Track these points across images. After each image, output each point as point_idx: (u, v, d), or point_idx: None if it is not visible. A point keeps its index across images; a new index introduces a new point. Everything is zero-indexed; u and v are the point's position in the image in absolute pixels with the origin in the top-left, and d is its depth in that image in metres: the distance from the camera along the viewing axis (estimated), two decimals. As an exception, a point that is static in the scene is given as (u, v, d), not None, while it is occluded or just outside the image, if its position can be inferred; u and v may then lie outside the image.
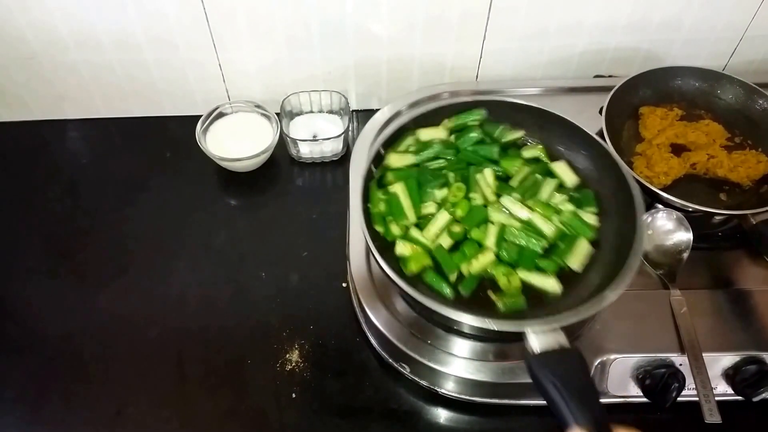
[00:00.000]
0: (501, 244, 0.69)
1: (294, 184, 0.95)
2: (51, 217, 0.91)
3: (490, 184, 0.74)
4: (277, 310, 0.80)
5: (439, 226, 0.70)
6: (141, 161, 0.97)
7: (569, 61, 0.99)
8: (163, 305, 0.81)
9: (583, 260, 0.67)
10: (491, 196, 0.73)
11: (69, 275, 0.84)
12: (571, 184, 0.74)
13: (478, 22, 0.91)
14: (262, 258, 0.86)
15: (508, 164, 0.75)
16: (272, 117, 0.95)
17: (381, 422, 0.72)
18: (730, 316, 0.73)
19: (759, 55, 1.01)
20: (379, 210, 0.72)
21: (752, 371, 0.68)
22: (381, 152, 0.75)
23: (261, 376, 0.75)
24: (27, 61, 0.92)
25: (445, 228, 0.70)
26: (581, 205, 0.72)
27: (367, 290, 0.74)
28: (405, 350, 0.70)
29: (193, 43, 0.91)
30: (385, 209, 0.72)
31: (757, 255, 0.78)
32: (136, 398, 0.73)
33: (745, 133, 0.86)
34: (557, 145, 0.77)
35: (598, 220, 0.71)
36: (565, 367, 0.53)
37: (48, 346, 0.78)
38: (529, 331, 0.56)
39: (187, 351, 0.77)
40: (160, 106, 1.01)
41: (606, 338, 0.70)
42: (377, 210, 0.72)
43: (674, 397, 0.66)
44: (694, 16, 0.93)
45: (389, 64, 0.97)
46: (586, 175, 0.75)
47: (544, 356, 0.54)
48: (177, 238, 0.88)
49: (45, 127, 1.02)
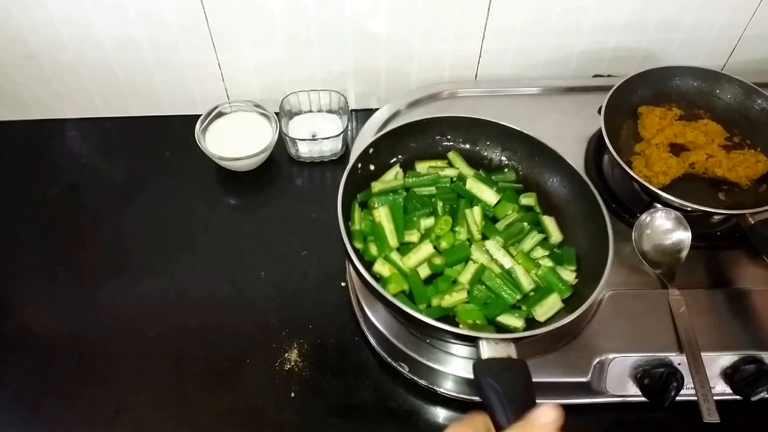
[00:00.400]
0: (475, 285, 0.69)
1: (293, 183, 0.96)
2: (50, 216, 0.91)
3: (478, 222, 0.74)
4: (276, 309, 0.80)
5: (421, 257, 0.70)
6: (140, 160, 0.97)
7: (568, 60, 0.99)
8: (162, 304, 0.81)
9: (549, 314, 0.67)
10: (477, 234, 0.73)
11: (68, 274, 0.84)
12: (555, 240, 0.74)
13: (477, 22, 0.91)
14: (261, 257, 0.86)
15: (501, 210, 0.75)
16: (271, 116, 0.95)
17: (380, 421, 0.72)
18: (728, 315, 0.73)
19: (758, 54, 1.01)
20: (360, 228, 0.72)
21: (750, 370, 0.68)
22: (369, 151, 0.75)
23: (260, 375, 0.75)
24: (26, 60, 0.92)
25: (426, 260, 0.71)
26: (562, 262, 0.71)
27: (366, 290, 0.74)
28: (404, 349, 0.70)
29: (192, 42, 0.91)
30: (366, 229, 0.72)
31: (756, 254, 0.78)
32: (135, 397, 0.73)
33: (744, 133, 0.86)
34: (536, 168, 0.79)
35: (575, 277, 0.70)
36: (508, 375, 0.55)
37: (47, 345, 0.78)
38: (481, 339, 0.58)
39: (186, 350, 0.77)
40: (160, 105, 1.01)
41: (604, 337, 0.70)
42: (357, 228, 0.72)
43: (673, 396, 0.66)
44: (692, 16, 0.93)
45: (388, 64, 0.97)
46: (561, 199, 0.77)
47: (491, 362, 0.57)
48: (176, 237, 0.88)
49: (44, 126, 1.02)
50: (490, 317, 0.67)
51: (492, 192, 0.76)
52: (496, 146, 0.80)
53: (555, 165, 0.76)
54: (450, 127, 0.80)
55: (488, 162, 0.81)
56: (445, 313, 0.68)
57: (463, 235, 0.73)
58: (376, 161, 0.77)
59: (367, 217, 0.73)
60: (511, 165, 0.80)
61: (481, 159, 0.81)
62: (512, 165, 0.80)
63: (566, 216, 0.75)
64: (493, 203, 0.76)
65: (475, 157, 0.81)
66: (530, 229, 0.74)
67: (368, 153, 0.75)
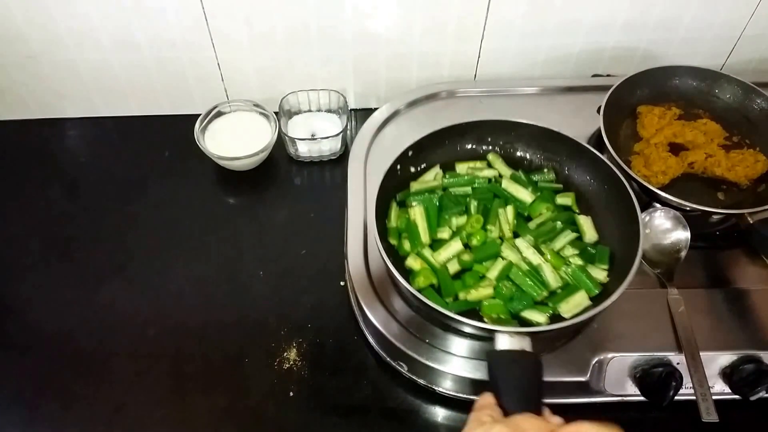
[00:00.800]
0: (502, 281, 0.70)
1: (292, 183, 0.96)
2: (49, 215, 0.91)
3: (510, 221, 0.75)
4: (275, 308, 0.80)
5: (451, 253, 0.73)
6: (140, 160, 0.97)
7: (567, 60, 0.99)
8: (162, 304, 0.81)
9: (575, 310, 0.67)
10: (508, 232, 0.75)
11: (67, 273, 0.84)
12: (590, 239, 0.74)
13: (476, 21, 0.91)
14: (260, 256, 0.86)
15: (535, 209, 0.76)
16: (271, 116, 0.95)
17: (379, 421, 0.72)
18: (727, 315, 0.73)
19: (757, 54, 1.01)
20: (396, 226, 0.75)
21: (749, 370, 0.68)
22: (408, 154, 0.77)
23: (259, 374, 0.75)
24: (26, 60, 0.92)
25: (455, 256, 0.73)
26: (594, 260, 0.72)
27: (365, 289, 0.74)
28: (403, 349, 0.70)
29: (192, 42, 0.91)
30: (401, 226, 0.75)
31: (755, 254, 0.78)
32: (135, 396, 0.73)
33: (743, 133, 0.86)
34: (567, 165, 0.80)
35: (607, 276, 0.71)
36: (519, 366, 0.58)
37: (46, 344, 0.78)
38: (498, 331, 0.60)
39: (185, 349, 0.77)
40: (159, 104, 1.01)
41: (604, 337, 0.70)
42: (393, 225, 0.75)
43: (671, 396, 0.66)
44: (692, 16, 0.93)
45: (387, 63, 0.97)
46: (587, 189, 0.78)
47: (506, 353, 0.59)
48: (175, 236, 0.88)
49: (44, 125, 1.02)
50: (515, 312, 0.68)
51: (527, 192, 0.77)
52: (537, 148, 0.81)
53: (593, 165, 0.77)
54: (489, 130, 0.81)
55: (528, 163, 0.82)
56: (471, 307, 0.69)
57: (495, 233, 0.74)
58: (416, 163, 0.80)
59: (403, 215, 0.76)
60: (551, 166, 0.81)
61: (521, 160, 0.82)
62: (553, 166, 0.81)
63: (603, 216, 0.76)
64: (528, 202, 0.76)
65: (515, 158, 0.82)
66: (563, 228, 0.74)
67: (407, 155, 0.77)
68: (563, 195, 0.78)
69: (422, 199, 0.76)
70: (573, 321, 0.63)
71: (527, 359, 0.59)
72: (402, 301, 0.73)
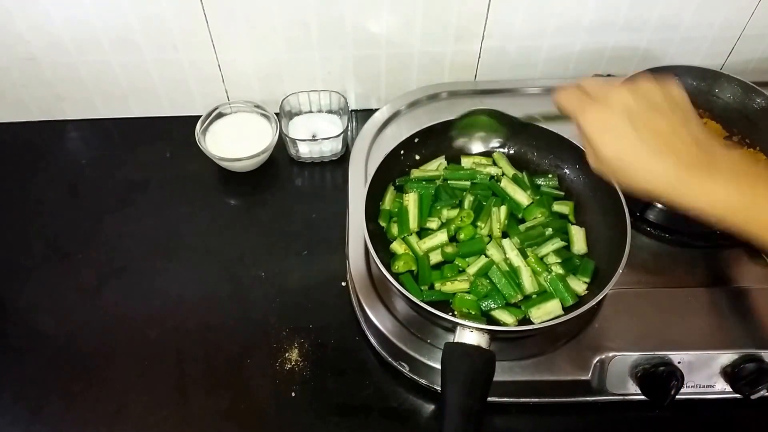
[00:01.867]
0: (479, 278, 0.70)
1: (293, 183, 0.96)
2: (50, 217, 0.91)
3: (501, 220, 0.76)
4: (276, 309, 0.81)
5: (435, 243, 0.74)
6: (140, 161, 0.97)
7: (567, 60, 0.99)
8: (163, 305, 0.81)
9: (545, 318, 0.68)
10: (497, 231, 0.75)
11: (68, 275, 0.84)
12: (578, 251, 0.74)
13: (476, 22, 0.91)
14: (261, 257, 0.86)
15: (530, 213, 0.76)
16: (271, 117, 0.95)
17: (380, 421, 0.72)
18: (728, 314, 0.73)
19: (757, 53, 1.01)
20: (389, 209, 0.76)
21: (750, 369, 0.68)
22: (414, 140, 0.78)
23: (260, 375, 0.75)
24: (26, 62, 0.92)
25: (439, 247, 0.73)
26: (577, 272, 0.72)
27: (366, 289, 0.74)
28: (404, 349, 0.70)
29: (192, 43, 0.91)
30: (393, 209, 0.76)
31: (756, 253, 0.78)
32: (136, 397, 0.73)
33: (743, 132, 0.86)
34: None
35: (585, 289, 0.71)
36: (472, 360, 0.59)
37: (47, 345, 0.78)
38: (459, 324, 0.61)
39: (187, 350, 0.77)
40: (160, 106, 1.01)
41: (605, 336, 0.71)
42: (387, 208, 0.76)
43: (673, 395, 0.66)
44: (692, 15, 0.93)
45: (388, 64, 0.97)
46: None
47: (459, 346, 0.60)
48: (176, 238, 0.88)
49: (44, 127, 1.02)
50: (486, 310, 0.69)
51: (525, 194, 0.77)
52: (544, 151, 0.81)
53: (594, 177, 0.76)
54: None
55: (535, 166, 0.82)
56: (444, 299, 0.70)
57: (485, 230, 0.75)
58: (422, 151, 0.80)
59: (397, 200, 0.77)
60: (555, 171, 0.81)
61: (528, 162, 0.82)
62: (557, 172, 0.81)
63: (597, 230, 0.75)
64: (523, 205, 0.77)
65: (523, 158, 0.82)
66: (552, 235, 0.74)
67: (413, 141, 0.78)
68: (562, 203, 0.78)
69: (419, 186, 0.77)
70: (534, 326, 0.64)
71: (479, 354, 0.59)
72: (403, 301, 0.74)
